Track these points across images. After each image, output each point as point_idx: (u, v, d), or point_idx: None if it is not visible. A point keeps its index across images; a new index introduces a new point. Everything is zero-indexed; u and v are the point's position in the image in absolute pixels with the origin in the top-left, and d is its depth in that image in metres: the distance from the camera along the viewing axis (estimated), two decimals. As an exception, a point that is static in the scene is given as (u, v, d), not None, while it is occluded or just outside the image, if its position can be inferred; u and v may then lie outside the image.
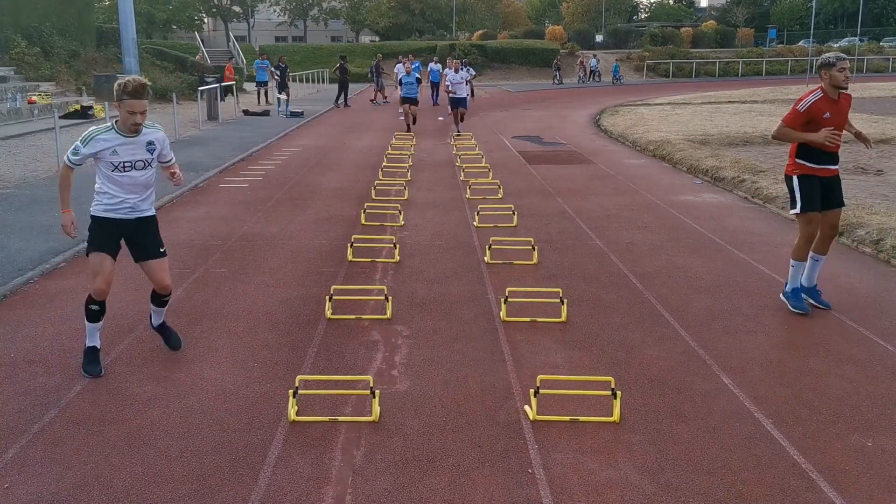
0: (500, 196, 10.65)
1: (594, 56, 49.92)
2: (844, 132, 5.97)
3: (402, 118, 20.26)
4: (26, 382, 4.64)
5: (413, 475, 3.64)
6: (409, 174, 12.53)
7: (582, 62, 48.65)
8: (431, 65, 29.14)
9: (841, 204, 6.13)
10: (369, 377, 4.46)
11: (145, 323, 5.65)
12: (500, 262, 7.33)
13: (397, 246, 7.62)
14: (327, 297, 5.94)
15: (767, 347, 5.24)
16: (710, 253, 7.74)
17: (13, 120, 19.20)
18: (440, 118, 23.38)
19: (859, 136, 6.24)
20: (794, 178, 6.03)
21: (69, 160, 4.90)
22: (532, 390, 4.25)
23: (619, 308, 6.07)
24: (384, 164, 13.52)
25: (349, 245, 7.61)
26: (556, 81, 45.26)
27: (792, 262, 6.01)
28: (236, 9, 68.89)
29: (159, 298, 5.06)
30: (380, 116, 24.62)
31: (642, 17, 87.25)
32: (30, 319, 5.76)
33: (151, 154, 5.01)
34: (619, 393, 4.18)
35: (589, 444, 3.94)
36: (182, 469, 3.68)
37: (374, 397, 4.20)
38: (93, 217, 4.98)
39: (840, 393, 4.52)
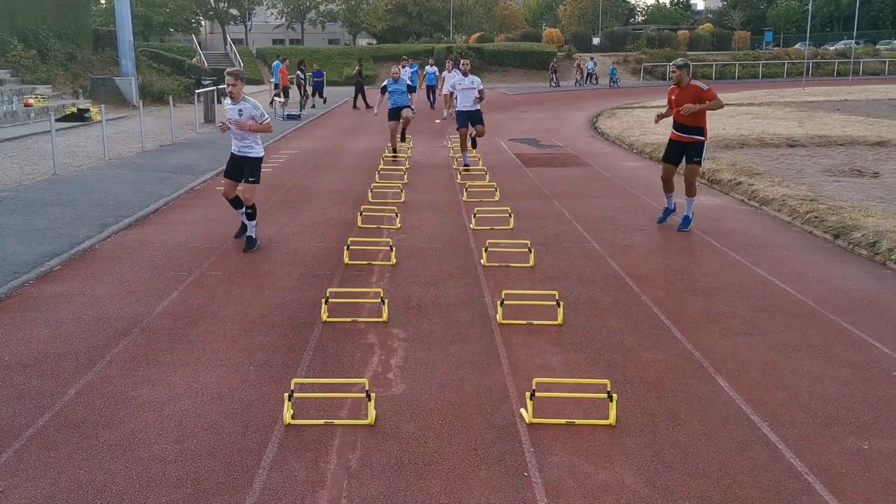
0: (496, 198, 10.65)
1: (591, 59, 49.99)
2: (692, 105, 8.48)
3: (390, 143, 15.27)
4: (20, 386, 4.63)
5: (409, 479, 3.63)
6: (405, 177, 12.53)
7: (579, 65, 48.70)
8: (427, 68, 28.93)
9: (691, 161, 8.84)
10: (365, 380, 4.45)
11: (140, 326, 5.64)
12: (497, 264, 7.33)
13: (394, 248, 7.61)
14: (323, 300, 5.93)
15: (763, 350, 5.24)
16: (706, 255, 7.75)
17: (9, 123, 19.17)
18: (437, 121, 23.38)
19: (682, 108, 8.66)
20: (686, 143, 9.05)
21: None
22: (528, 393, 4.24)
23: (616, 311, 6.06)
24: (381, 166, 13.52)
25: (345, 248, 7.60)
26: (553, 84, 45.29)
27: (668, 198, 9.21)
28: (233, 12, 68.86)
29: (245, 210, 8.00)
30: (377, 120, 24.60)
31: (639, 19, 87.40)
32: (25, 323, 5.74)
33: (240, 116, 7.76)
34: (615, 396, 4.18)
35: (585, 447, 3.93)
36: (177, 473, 3.66)
37: (369, 400, 4.19)
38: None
39: (836, 395, 4.52)
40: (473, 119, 13.23)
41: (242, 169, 7.92)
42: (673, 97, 8.83)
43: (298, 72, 26.90)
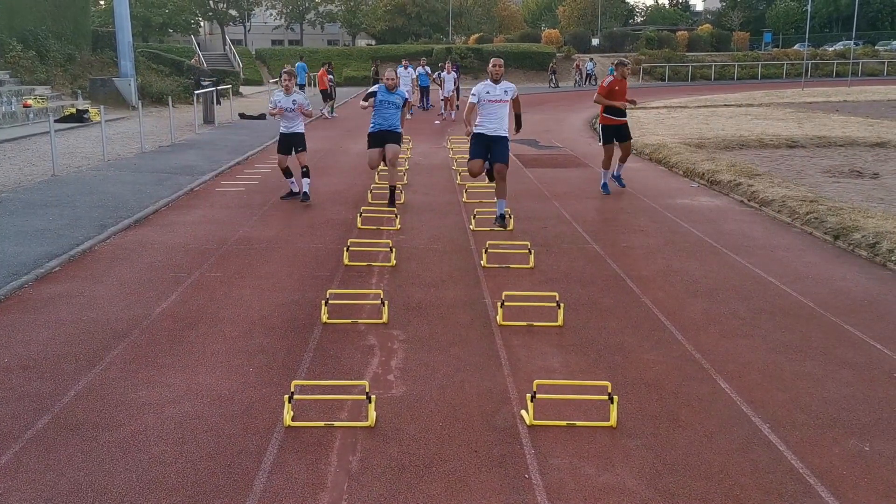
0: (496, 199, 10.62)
1: (590, 59, 50.00)
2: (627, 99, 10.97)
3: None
4: (20, 388, 4.61)
5: (409, 481, 3.62)
6: (405, 178, 12.51)
7: (578, 65, 48.71)
8: (420, 68, 28.17)
9: (628, 138, 11.22)
10: (365, 382, 4.44)
11: (140, 327, 5.63)
12: (497, 265, 7.32)
13: (393, 250, 7.61)
14: (323, 302, 5.92)
15: (764, 351, 5.23)
16: (706, 257, 7.74)
17: (8, 124, 19.15)
18: (436, 122, 23.37)
19: (632, 101, 11.24)
20: (600, 126, 11.39)
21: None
22: (529, 395, 4.23)
23: (616, 312, 6.05)
24: (381, 167, 13.48)
25: (345, 249, 7.59)
26: (552, 85, 45.32)
27: (602, 171, 11.40)
28: (233, 12, 68.86)
29: (302, 170, 10.51)
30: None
31: (638, 20, 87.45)
32: (24, 324, 5.73)
33: (293, 105, 10.27)
34: (615, 397, 4.17)
35: (586, 449, 3.92)
36: (176, 475, 3.65)
37: (370, 402, 4.18)
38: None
39: (837, 397, 4.51)
40: (494, 150, 8.69)
41: (292, 144, 10.46)
42: (617, 87, 10.90)
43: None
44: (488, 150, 8.72)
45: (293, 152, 10.46)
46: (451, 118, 23.75)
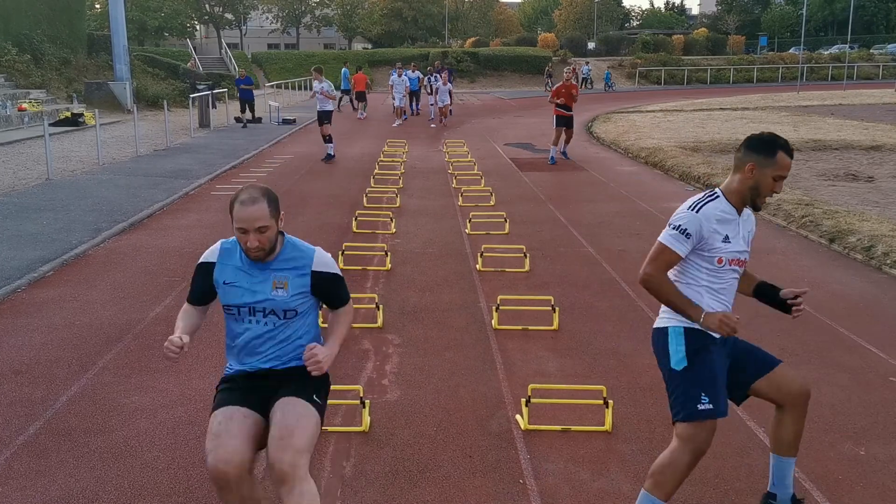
0: (492, 203, 10.63)
1: (586, 63, 50.09)
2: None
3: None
4: (11, 393, 4.58)
5: (403, 486, 3.60)
6: (400, 181, 12.51)
7: (574, 69, 48.75)
8: (409, 72, 27.76)
9: (572, 126, 15.36)
10: (359, 387, 4.42)
11: (133, 332, 5.61)
12: (492, 269, 7.30)
13: (389, 254, 7.59)
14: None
15: (760, 355, 5.21)
16: (702, 260, 7.72)
17: (3, 127, 19.10)
18: (432, 125, 23.37)
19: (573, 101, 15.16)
20: (555, 116, 15.08)
21: None
22: (524, 399, 4.21)
23: (611, 316, 6.04)
24: (376, 171, 13.49)
25: (340, 253, 7.57)
26: (549, 88, 45.38)
27: (552, 148, 15.15)
28: (229, 16, 68.81)
29: (325, 139, 15.24)
30: (371, 124, 24.61)
31: (634, 24, 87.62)
32: (16, 329, 5.70)
33: (321, 87, 15.35)
34: (611, 402, 4.15)
35: (581, 453, 3.91)
36: (169, 481, 3.62)
37: (364, 407, 4.16)
38: None
39: (833, 401, 4.50)
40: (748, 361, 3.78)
41: (324, 118, 15.11)
42: (564, 90, 15.07)
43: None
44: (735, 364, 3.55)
45: (325, 124, 15.25)
46: (444, 123, 23.40)
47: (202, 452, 3.86)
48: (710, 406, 3.06)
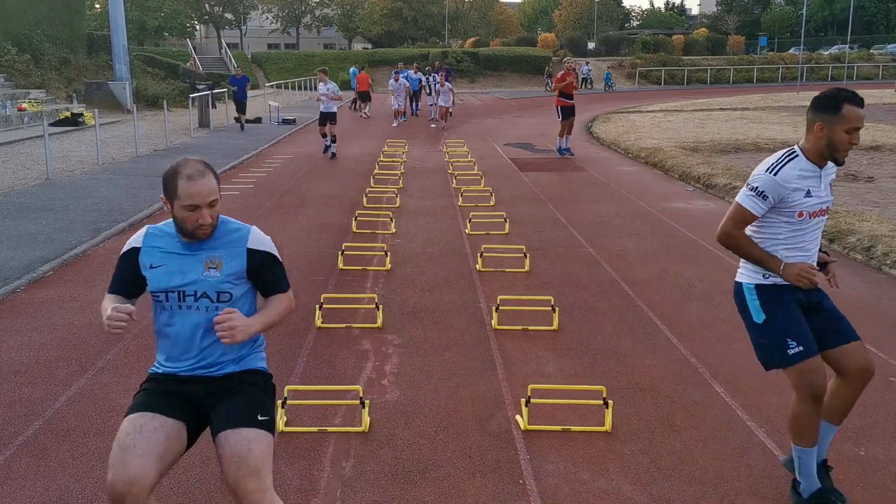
0: (492, 203, 10.63)
1: (586, 63, 50.08)
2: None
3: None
4: (11, 393, 4.58)
5: (403, 486, 3.60)
6: (400, 181, 12.51)
7: (571, 65, 48.72)
8: (412, 73, 27.67)
9: (574, 115, 16.10)
10: (359, 387, 4.42)
11: (132, 333, 5.60)
12: (492, 269, 7.30)
13: (388, 254, 7.58)
14: (317, 306, 5.90)
15: (760, 355, 5.21)
16: (701, 260, 7.73)
17: (2, 127, 19.10)
18: (432, 126, 23.36)
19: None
20: (558, 107, 15.93)
21: None
22: (523, 400, 4.21)
23: (611, 316, 6.04)
24: (376, 171, 13.49)
25: (340, 253, 7.57)
26: (549, 88, 45.36)
27: (559, 140, 16.27)
28: (229, 16, 68.79)
29: (332, 137, 15.70)
30: (372, 124, 24.60)
31: (634, 24, 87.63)
32: (15, 329, 5.70)
33: (326, 90, 15.87)
34: (610, 402, 4.15)
35: (581, 454, 3.90)
36: (168, 481, 3.62)
37: (363, 407, 4.16)
38: None
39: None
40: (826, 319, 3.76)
41: (327, 119, 15.61)
42: (567, 79, 15.94)
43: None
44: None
45: (327, 124, 15.79)
46: (443, 127, 22.86)
47: (201, 452, 3.87)
48: (801, 348, 3.24)
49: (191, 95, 22.04)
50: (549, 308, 5.85)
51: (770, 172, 3.27)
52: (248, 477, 2.59)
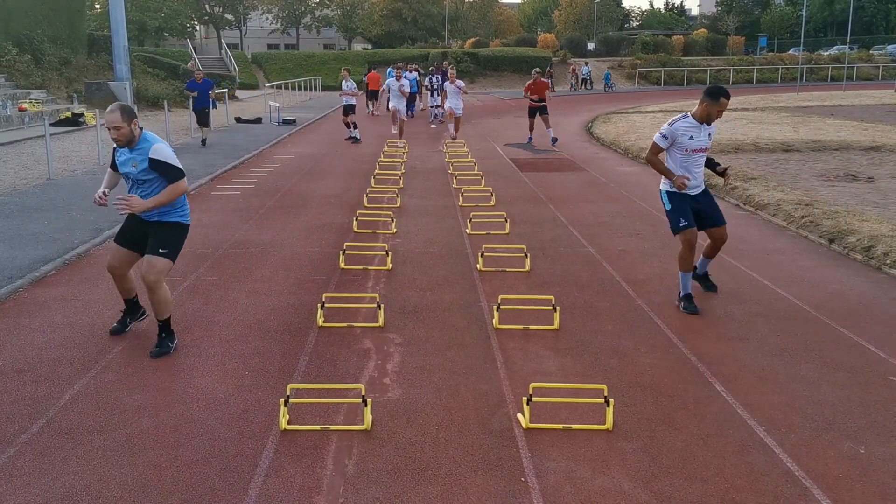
0: (492, 203, 10.65)
1: (586, 64, 50.12)
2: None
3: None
4: (15, 392, 4.60)
5: (405, 484, 3.62)
6: (401, 181, 12.53)
7: (574, 70, 48.79)
8: (408, 73, 27.22)
9: (545, 113, 18.65)
10: (361, 385, 4.43)
11: (135, 331, 5.62)
12: (493, 269, 7.32)
13: (389, 253, 7.60)
14: (319, 305, 5.92)
15: (760, 354, 5.24)
16: (702, 260, 7.74)
17: (3, 128, 19.12)
18: (432, 126, 23.38)
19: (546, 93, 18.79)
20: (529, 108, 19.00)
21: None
22: (525, 398, 4.23)
23: (612, 315, 6.06)
24: (376, 171, 13.51)
25: (341, 252, 7.59)
26: (549, 89, 45.39)
27: (552, 134, 18.60)
28: (229, 16, 68.82)
29: (352, 125, 19.18)
30: (372, 125, 24.63)
31: (634, 25, 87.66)
32: (19, 328, 5.71)
33: (346, 87, 19.61)
34: (611, 401, 4.17)
35: (582, 452, 3.92)
36: (172, 479, 3.64)
37: (366, 406, 4.18)
38: None
39: (833, 400, 4.52)
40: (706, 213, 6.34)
41: (349, 110, 18.89)
42: (533, 84, 18.46)
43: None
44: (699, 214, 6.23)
45: (349, 114, 18.96)
46: (454, 137, 21.04)
47: (204, 450, 3.89)
48: (686, 223, 6.10)
49: (191, 96, 22.01)
50: (550, 307, 5.87)
51: (670, 125, 6.09)
52: (148, 272, 5.04)
